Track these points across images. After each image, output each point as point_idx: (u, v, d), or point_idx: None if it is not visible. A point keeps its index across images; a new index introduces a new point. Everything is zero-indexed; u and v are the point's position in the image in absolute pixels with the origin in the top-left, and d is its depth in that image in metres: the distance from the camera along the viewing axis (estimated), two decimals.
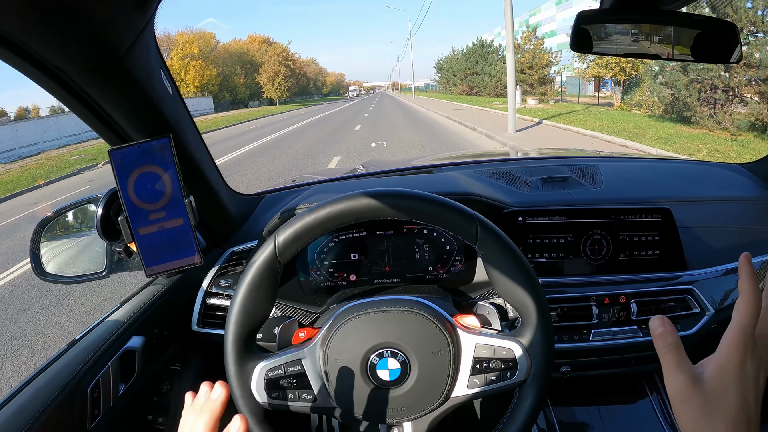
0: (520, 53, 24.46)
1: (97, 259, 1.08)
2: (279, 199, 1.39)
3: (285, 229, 0.72)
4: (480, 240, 0.73)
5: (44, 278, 1.05)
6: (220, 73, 52.33)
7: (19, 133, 21.50)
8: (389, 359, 0.72)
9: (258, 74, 62.38)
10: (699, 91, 11.46)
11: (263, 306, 0.73)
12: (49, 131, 23.03)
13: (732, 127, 10.67)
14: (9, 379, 3.13)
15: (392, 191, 0.73)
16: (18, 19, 0.56)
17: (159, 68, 0.82)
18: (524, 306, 0.73)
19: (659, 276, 1.14)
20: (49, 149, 21.80)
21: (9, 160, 19.54)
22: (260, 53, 65.20)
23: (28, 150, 21.14)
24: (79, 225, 1.14)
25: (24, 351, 3.47)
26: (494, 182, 1.32)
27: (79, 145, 22.41)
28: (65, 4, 0.55)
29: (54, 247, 1.10)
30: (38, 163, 16.84)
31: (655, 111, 13.80)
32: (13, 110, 48.57)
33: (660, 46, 1.02)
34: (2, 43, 0.59)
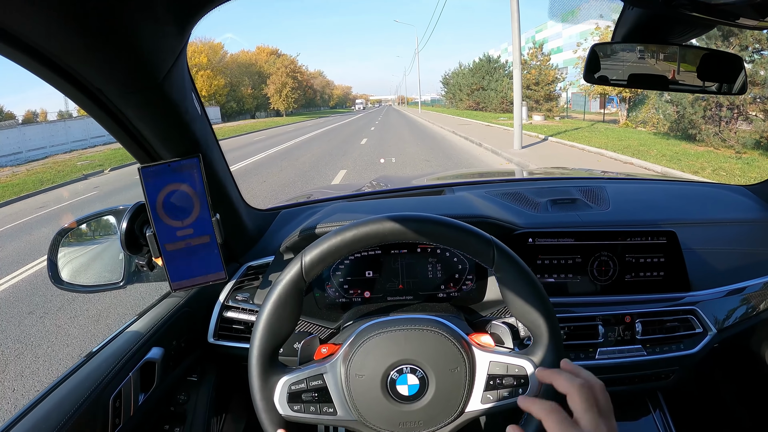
0: (527, 69, 24.56)
1: (113, 270, 1.10)
2: (294, 215, 1.42)
3: (312, 249, 0.76)
4: (497, 264, 0.77)
5: (60, 286, 1.07)
6: (228, 83, 52.73)
7: (27, 136, 21.71)
8: (408, 375, 0.76)
9: (265, 85, 62.80)
10: (704, 108, 11.51)
11: (288, 323, 0.77)
12: (56, 136, 23.24)
13: (737, 144, 10.69)
14: (12, 382, 3.14)
15: (416, 216, 0.77)
16: (68, 44, 0.59)
17: (191, 90, 0.86)
18: (537, 326, 0.77)
19: (663, 297, 1.16)
20: (56, 153, 21.97)
21: (16, 162, 19.72)
22: (268, 64, 65.69)
23: (35, 153, 21.32)
24: (95, 234, 1.17)
25: (27, 355, 3.48)
26: (505, 203, 1.35)
27: (86, 151, 22.59)
28: (115, 30, 0.58)
29: (70, 256, 1.12)
30: (45, 167, 16.95)
31: (660, 128, 13.84)
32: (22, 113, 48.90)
33: (666, 64, 1.06)
34: (49, 65, 0.62)
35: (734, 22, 0.91)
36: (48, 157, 21.26)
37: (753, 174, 8.20)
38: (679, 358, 1.13)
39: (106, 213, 1.10)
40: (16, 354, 3.51)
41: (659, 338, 1.13)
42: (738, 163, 9.17)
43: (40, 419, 0.75)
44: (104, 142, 24.52)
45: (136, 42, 0.62)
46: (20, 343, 3.68)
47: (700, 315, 1.14)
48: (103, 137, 24.56)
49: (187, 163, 0.85)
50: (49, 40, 0.58)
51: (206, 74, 47.38)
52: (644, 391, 1.26)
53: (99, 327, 3.79)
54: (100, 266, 1.15)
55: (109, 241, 1.14)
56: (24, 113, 49.18)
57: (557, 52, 35.84)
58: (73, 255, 1.12)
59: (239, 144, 20.46)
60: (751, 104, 10.84)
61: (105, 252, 1.15)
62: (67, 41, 0.58)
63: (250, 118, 57.57)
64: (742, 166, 8.93)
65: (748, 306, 1.19)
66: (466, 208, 1.29)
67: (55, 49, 0.60)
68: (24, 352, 3.53)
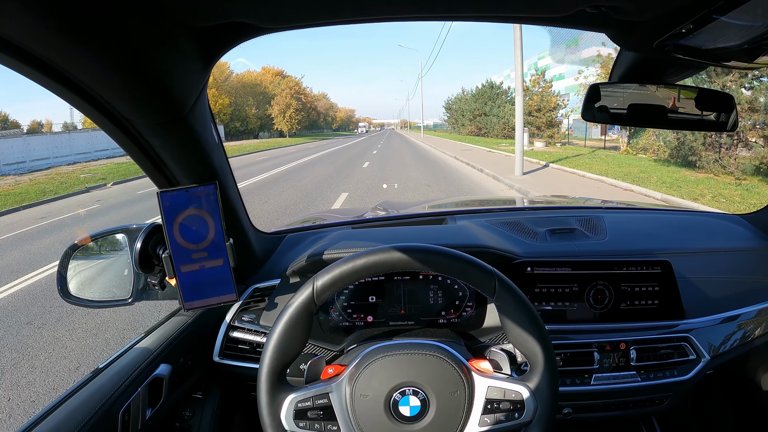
0: (529, 96, 24.82)
1: (120, 285, 1.13)
2: (300, 240, 1.46)
3: (324, 274, 0.80)
4: (498, 294, 0.81)
5: (68, 300, 1.10)
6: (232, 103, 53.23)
7: (31, 146, 21.85)
8: (411, 397, 0.80)
9: (269, 106, 63.22)
10: (704, 135, 11.52)
11: (297, 343, 0.80)
12: (60, 147, 23.37)
13: (737, 171, 10.74)
14: (7, 391, 3.13)
15: (423, 248, 0.81)
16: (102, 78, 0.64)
17: (210, 121, 0.91)
18: (533, 354, 0.81)
19: (658, 324, 1.19)
20: (59, 165, 22.07)
21: (19, 172, 19.81)
22: (273, 85, 66.19)
23: (38, 164, 21.44)
24: (101, 249, 1.20)
25: (24, 364, 3.47)
26: (505, 232, 1.39)
27: (90, 164, 22.69)
28: (147, 68, 0.63)
29: (79, 271, 1.14)
30: (48, 178, 17.04)
31: (661, 155, 13.91)
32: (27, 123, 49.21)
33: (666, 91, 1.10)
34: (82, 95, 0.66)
35: (725, 65, 0.96)
36: (51, 167, 21.39)
37: (753, 200, 8.23)
38: (672, 384, 1.16)
39: (119, 231, 1.13)
40: (13, 363, 3.50)
41: (653, 365, 1.16)
42: (738, 190, 9.20)
43: (51, 430, 0.78)
44: (108, 156, 24.68)
45: (166, 78, 0.67)
46: (17, 352, 3.68)
47: (694, 342, 1.17)
48: (107, 151, 24.73)
49: (203, 190, 0.90)
50: (81, 72, 0.62)
51: (211, 93, 47.76)
52: (639, 415, 1.28)
53: (97, 341, 3.78)
54: (107, 282, 1.17)
55: (116, 257, 1.16)
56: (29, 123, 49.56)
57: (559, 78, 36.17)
58: (81, 269, 1.15)
59: (242, 164, 20.59)
60: (750, 130, 10.91)
61: (111, 268, 1.17)
62: (101, 76, 0.63)
63: (254, 138, 58.06)
64: (742, 192, 8.96)
65: (742, 333, 1.22)
66: (468, 238, 1.33)
67: (90, 81, 0.64)
68: (21, 361, 3.53)
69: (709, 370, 1.18)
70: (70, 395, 0.86)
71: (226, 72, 55.21)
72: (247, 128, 58.37)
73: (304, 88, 71.79)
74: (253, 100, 60.02)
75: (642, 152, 16.43)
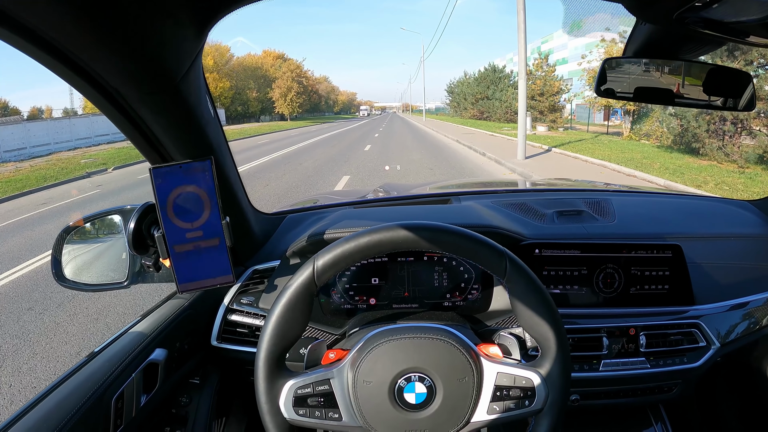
0: (532, 80, 24.61)
1: (117, 268, 1.10)
2: (300, 221, 1.43)
3: (325, 254, 0.76)
4: (509, 275, 0.76)
5: (64, 284, 1.07)
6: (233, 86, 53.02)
7: (31, 132, 21.79)
8: (416, 383, 0.76)
9: (271, 89, 62.95)
10: (708, 122, 11.50)
11: (297, 326, 0.76)
12: (61, 133, 23.33)
13: (740, 159, 10.69)
14: (9, 378, 3.13)
15: (431, 225, 0.77)
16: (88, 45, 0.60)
17: (205, 93, 0.86)
18: (545, 339, 0.77)
19: (668, 310, 1.16)
20: (60, 150, 22.03)
21: (20, 158, 19.78)
22: (274, 68, 65.88)
23: (39, 150, 21.40)
24: (99, 233, 1.17)
25: (25, 351, 3.48)
26: (511, 213, 1.35)
27: (90, 149, 22.67)
28: (135, 33, 0.59)
29: (74, 254, 1.12)
30: (48, 164, 17.02)
31: (664, 141, 13.86)
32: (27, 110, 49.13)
33: (671, 77, 1.06)
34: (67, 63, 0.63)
35: (745, 40, 0.92)
36: (52, 153, 21.32)
37: (756, 189, 8.20)
38: (682, 371, 1.13)
39: (113, 212, 1.10)
40: (14, 350, 3.50)
41: (663, 351, 1.13)
42: (741, 178, 9.16)
43: (41, 418, 0.75)
44: (108, 141, 24.61)
45: (155, 45, 0.63)
46: (18, 339, 3.68)
47: (704, 329, 1.15)
48: (107, 136, 24.67)
49: (198, 165, 0.85)
50: (69, 40, 0.58)
51: (212, 77, 47.59)
52: (646, 403, 1.26)
53: (98, 326, 3.78)
54: (103, 265, 1.15)
55: (113, 240, 1.14)
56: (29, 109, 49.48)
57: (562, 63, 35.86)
58: (77, 253, 1.12)
59: (243, 147, 20.51)
60: (755, 119, 10.85)
61: (109, 251, 1.15)
62: (87, 42, 0.59)
63: (255, 121, 57.82)
64: (745, 180, 8.93)
65: (751, 321, 1.19)
66: (474, 217, 1.29)
67: (75, 48, 0.60)
68: (22, 348, 3.53)
69: (718, 358, 1.16)
70: (62, 381, 0.83)
71: (227, 55, 54.89)
72: (248, 111, 58.19)
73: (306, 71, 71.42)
74: (254, 83, 59.75)
75: (645, 138, 16.34)
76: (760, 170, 10.06)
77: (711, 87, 1.07)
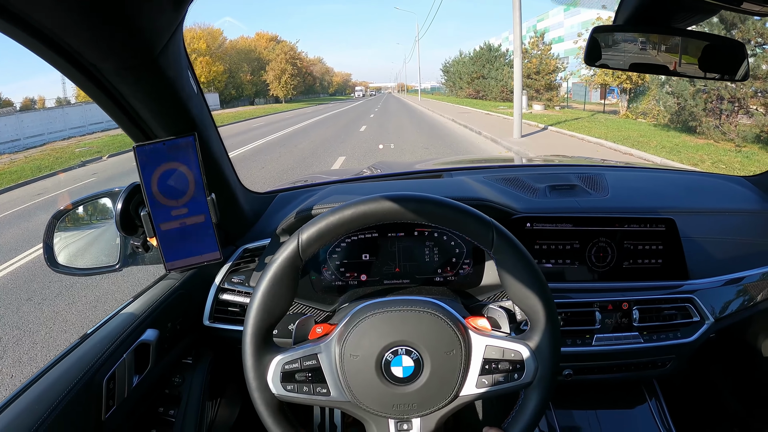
0: (528, 58, 24.40)
1: (109, 252, 1.10)
2: (291, 199, 1.41)
3: (309, 227, 0.75)
4: (496, 246, 0.75)
5: (56, 269, 1.07)
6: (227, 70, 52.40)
7: (25, 123, 21.54)
8: (404, 357, 0.75)
9: (264, 72, 62.39)
10: (705, 101, 11.45)
11: (283, 301, 0.76)
12: (54, 123, 23.07)
13: (737, 138, 10.65)
14: (11, 369, 3.14)
15: (416, 196, 0.75)
16: (62, 18, 0.58)
17: (186, 68, 0.84)
18: (534, 311, 0.76)
19: (661, 284, 1.16)
20: (54, 140, 21.82)
21: (14, 150, 19.59)
22: (267, 51, 65.22)
23: (32, 141, 21.18)
24: (92, 218, 1.16)
25: (26, 341, 3.49)
26: (503, 188, 1.34)
27: (84, 138, 22.44)
28: (109, 5, 0.57)
29: (66, 239, 1.11)
30: (43, 154, 16.86)
31: (661, 120, 13.79)
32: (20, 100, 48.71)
33: (667, 56, 1.04)
34: (43, 40, 0.61)
35: (738, 8, 0.90)
36: (46, 144, 21.09)
37: (752, 168, 8.19)
38: (675, 346, 1.13)
39: (102, 195, 1.09)
40: (15, 340, 3.51)
41: (656, 326, 1.13)
42: (738, 157, 9.16)
43: (32, 401, 0.74)
44: (102, 129, 24.37)
45: (131, 17, 0.61)
46: (18, 329, 3.69)
47: (698, 303, 1.14)
48: (102, 124, 24.44)
49: (182, 142, 0.84)
50: (42, 14, 0.57)
51: (205, 60, 47.05)
52: (641, 379, 1.27)
53: (97, 312, 3.79)
54: (96, 250, 1.14)
55: (105, 225, 1.13)
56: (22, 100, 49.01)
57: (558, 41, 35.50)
58: (69, 238, 1.12)
59: (238, 130, 20.36)
60: (752, 98, 10.81)
61: (101, 236, 1.14)
62: (60, 15, 0.57)
63: (249, 104, 57.38)
64: (742, 159, 8.92)
65: (746, 297, 1.19)
66: (464, 191, 1.28)
67: (48, 23, 0.59)
68: (22, 338, 3.54)
69: (711, 334, 1.16)
70: (55, 363, 0.83)
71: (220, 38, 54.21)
72: (243, 95, 57.64)
73: (300, 53, 70.78)
74: (247, 66, 59.08)
75: (641, 117, 16.26)
76: (757, 149, 10.04)
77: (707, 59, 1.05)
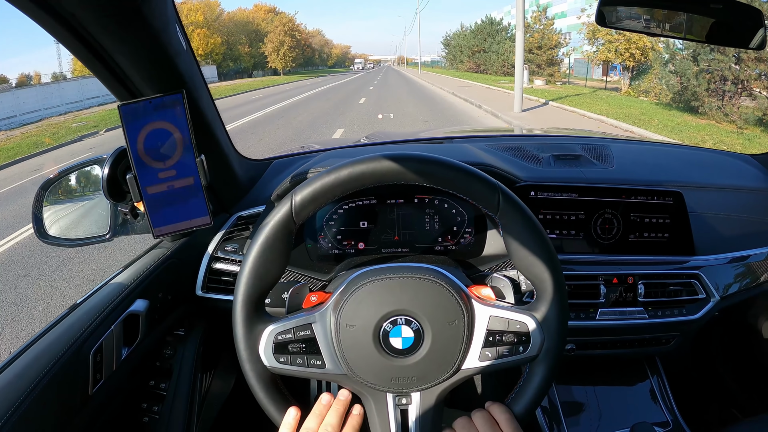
0: (530, 33, 24.08)
1: (100, 222, 1.06)
2: (287, 165, 1.37)
3: (303, 188, 0.69)
4: (502, 210, 0.71)
5: (46, 241, 1.03)
6: (225, 42, 51.86)
7: (21, 99, 21.33)
8: (403, 327, 0.70)
9: (263, 44, 61.77)
10: (708, 81, 11.29)
11: (276, 267, 0.71)
12: (50, 98, 22.88)
13: (739, 120, 10.53)
14: (8, 345, 3.14)
15: (418, 155, 0.70)
16: None
17: (174, 22, 0.79)
18: (541, 280, 0.72)
19: (667, 259, 1.13)
20: (50, 116, 21.64)
21: (10, 126, 19.44)
22: (266, 23, 64.53)
23: (29, 117, 20.99)
24: (83, 188, 1.13)
25: (23, 317, 3.48)
26: (506, 156, 1.30)
27: (81, 112, 22.26)
28: None
29: (57, 210, 1.07)
30: (39, 130, 16.72)
31: (663, 99, 13.64)
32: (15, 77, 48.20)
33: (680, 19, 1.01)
34: None
35: None
36: (42, 119, 20.89)
37: (754, 150, 8.03)
38: (680, 323, 1.11)
39: (91, 162, 1.05)
40: (12, 317, 3.50)
41: (661, 302, 1.10)
42: (739, 139, 9.06)
43: (16, 375, 0.71)
44: (99, 103, 24.16)
45: None
46: (16, 305, 3.67)
47: (704, 280, 1.12)
48: (98, 98, 24.25)
49: (169, 100, 0.80)
50: None
51: (202, 32, 46.49)
52: (643, 356, 1.25)
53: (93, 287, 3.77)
54: (87, 220, 1.11)
55: (95, 194, 1.09)
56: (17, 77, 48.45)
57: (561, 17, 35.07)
58: (58, 209, 1.08)
59: (236, 103, 20.13)
60: (756, 81, 10.66)
61: (93, 206, 1.10)
62: None
63: (247, 77, 56.88)
64: (744, 141, 8.82)
65: (751, 276, 1.16)
66: (466, 155, 1.24)
67: None
68: (20, 314, 3.53)
69: (716, 312, 1.13)
70: (41, 335, 0.80)
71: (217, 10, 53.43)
72: (241, 67, 57.18)
73: (298, 24, 69.98)
74: (245, 38, 58.54)
75: (644, 95, 16.05)
76: (759, 132, 9.93)
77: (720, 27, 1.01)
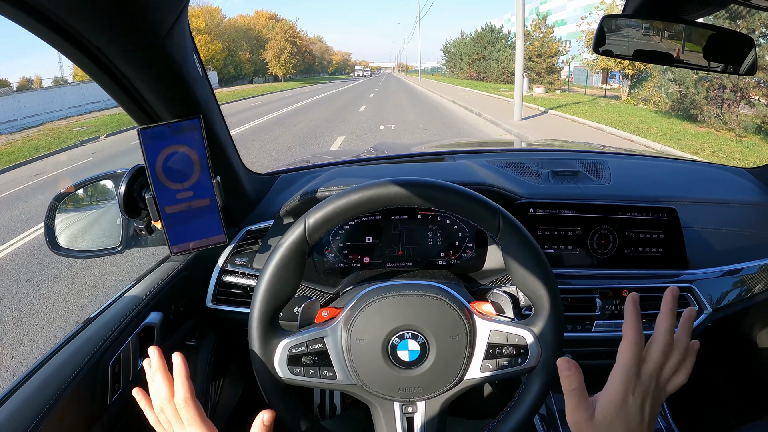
0: (529, 41, 24.18)
1: (111, 234, 1.09)
2: (294, 180, 1.41)
3: (316, 211, 0.74)
4: (502, 232, 0.75)
5: (58, 252, 1.06)
6: (226, 48, 51.96)
7: (22, 103, 21.34)
8: (410, 341, 0.76)
9: (263, 50, 61.83)
10: (707, 89, 11.33)
11: (290, 285, 0.76)
12: (51, 102, 22.87)
13: (738, 128, 10.57)
14: (11, 350, 3.15)
15: (423, 181, 0.75)
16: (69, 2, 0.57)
17: (192, 50, 0.84)
18: (538, 297, 0.77)
19: (661, 273, 1.17)
20: (51, 120, 21.62)
21: (11, 130, 19.41)
22: (267, 29, 64.66)
23: (30, 121, 20.99)
24: (92, 199, 1.16)
25: (26, 322, 3.49)
26: (506, 173, 1.34)
27: (82, 117, 22.26)
28: None
29: (68, 221, 1.11)
30: (40, 134, 16.73)
31: (662, 107, 13.67)
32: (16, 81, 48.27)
33: (672, 44, 1.04)
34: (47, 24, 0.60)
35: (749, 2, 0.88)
36: (43, 124, 20.88)
37: (752, 158, 8.15)
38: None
39: (104, 177, 1.08)
40: (15, 322, 3.52)
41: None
42: (738, 147, 9.09)
43: (39, 385, 0.75)
44: (100, 108, 24.18)
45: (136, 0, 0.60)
46: (18, 311, 3.69)
47: (697, 293, 1.15)
48: (99, 103, 24.27)
49: (187, 125, 0.84)
50: None
51: (204, 39, 46.57)
52: None
53: (96, 293, 3.81)
54: (97, 232, 1.14)
55: (106, 207, 1.13)
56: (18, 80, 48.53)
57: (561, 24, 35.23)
58: (70, 221, 1.11)
59: (237, 109, 20.20)
60: (754, 88, 10.69)
61: (103, 217, 1.14)
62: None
63: (248, 83, 56.91)
64: (742, 149, 8.85)
65: (743, 288, 1.19)
66: (468, 175, 1.28)
67: (53, 6, 0.58)
68: (22, 319, 3.55)
69: (709, 323, 1.16)
70: (59, 348, 0.83)
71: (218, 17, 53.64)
72: (242, 73, 57.17)
73: (299, 31, 70.25)
74: (246, 44, 58.60)
75: (643, 103, 16.10)
76: (758, 140, 9.95)
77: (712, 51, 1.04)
